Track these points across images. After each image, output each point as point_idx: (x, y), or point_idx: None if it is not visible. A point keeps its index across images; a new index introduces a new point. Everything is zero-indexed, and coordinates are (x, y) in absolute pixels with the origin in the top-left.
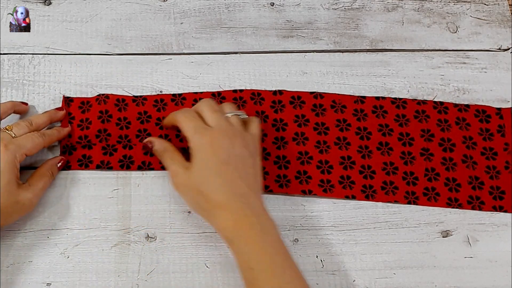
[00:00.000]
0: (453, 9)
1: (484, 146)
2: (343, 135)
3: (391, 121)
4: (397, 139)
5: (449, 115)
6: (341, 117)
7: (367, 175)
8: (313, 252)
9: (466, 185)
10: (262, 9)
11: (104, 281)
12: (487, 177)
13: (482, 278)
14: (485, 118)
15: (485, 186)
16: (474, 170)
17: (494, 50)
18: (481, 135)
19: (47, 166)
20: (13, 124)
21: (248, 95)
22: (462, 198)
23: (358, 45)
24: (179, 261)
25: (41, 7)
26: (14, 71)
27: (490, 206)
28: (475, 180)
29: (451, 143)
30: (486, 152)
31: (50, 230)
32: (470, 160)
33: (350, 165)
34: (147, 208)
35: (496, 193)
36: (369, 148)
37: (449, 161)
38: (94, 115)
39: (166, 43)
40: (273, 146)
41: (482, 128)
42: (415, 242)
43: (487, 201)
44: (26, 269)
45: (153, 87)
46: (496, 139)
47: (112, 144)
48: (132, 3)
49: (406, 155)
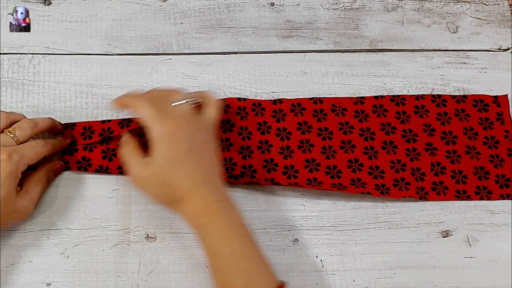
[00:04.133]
0: (453, 9)
1: (485, 136)
2: (347, 138)
3: (392, 119)
4: (401, 136)
5: (448, 107)
6: (343, 120)
7: (377, 176)
8: (313, 252)
9: (472, 176)
10: (262, 9)
11: (104, 281)
12: (492, 166)
13: (482, 278)
14: (483, 107)
15: (491, 175)
16: (478, 160)
17: (494, 50)
18: (481, 125)
19: (44, 171)
20: (16, 125)
21: (249, 106)
22: (469, 189)
23: (358, 45)
24: (179, 261)
25: (41, 7)
26: (14, 71)
27: (497, 195)
28: (480, 170)
29: (453, 135)
30: (488, 141)
31: (50, 230)
32: (474, 150)
33: (358, 168)
34: (147, 208)
35: (502, 181)
36: (374, 148)
37: (453, 154)
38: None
39: (166, 43)
40: (279, 156)
41: (482, 118)
42: (415, 242)
43: (494, 190)
44: (26, 269)
45: (153, 87)
46: (496, 127)
47: (112, 148)
48: (132, 3)
49: (411, 151)
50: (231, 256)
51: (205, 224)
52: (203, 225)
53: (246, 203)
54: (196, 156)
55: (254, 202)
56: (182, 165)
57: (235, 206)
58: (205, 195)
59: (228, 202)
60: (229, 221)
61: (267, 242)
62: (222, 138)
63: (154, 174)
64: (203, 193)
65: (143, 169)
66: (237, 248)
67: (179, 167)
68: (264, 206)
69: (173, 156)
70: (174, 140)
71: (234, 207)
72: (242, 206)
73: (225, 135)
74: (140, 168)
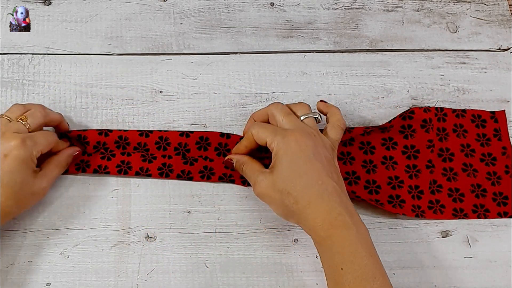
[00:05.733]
0: (453, 9)
1: (482, 152)
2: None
3: (396, 133)
4: (401, 152)
5: (447, 122)
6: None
7: (372, 190)
8: (313, 252)
9: (469, 193)
10: (262, 9)
11: (104, 281)
12: (489, 183)
13: (482, 278)
14: (481, 123)
15: (488, 193)
16: (475, 178)
17: (494, 50)
18: (479, 141)
19: (65, 156)
20: (28, 113)
21: None
22: (466, 207)
23: (358, 45)
24: (179, 261)
25: (41, 7)
26: (14, 71)
27: (495, 214)
28: (478, 188)
29: (450, 152)
30: (485, 158)
31: (50, 230)
32: (470, 168)
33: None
34: (147, 208)
35: (499, 199)
36: (373, 162)
37: (449, 171)
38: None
39: (166, 43)
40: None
41: (479, 134)
42: (415, 242)
43: (491, 209)
44: (26, 269)
45: (153, 87)
46: (493, 144)
47: (110, 149)
48: (132, 3)
49: (411, 168)
50: (355, 274)
51: (328, 237)
52: (326, 238)
53: (246, 203)
54: (320, 165)
55: (254, 202)
56: (305, 173)
57: (362, 223)
58: (332, 207)
59: (357, 218)
60: (359, 238)
61: (267, 242)
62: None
63: (275, 181)
64: (330, 205)
65: (265, 177)
66: (361, 266)
67: (301, 175)
68: (264, 206)
69: (296, 164)
70: (298, 147)
71: (364, 225)
72: (242, 206)
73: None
74: (262, 176)
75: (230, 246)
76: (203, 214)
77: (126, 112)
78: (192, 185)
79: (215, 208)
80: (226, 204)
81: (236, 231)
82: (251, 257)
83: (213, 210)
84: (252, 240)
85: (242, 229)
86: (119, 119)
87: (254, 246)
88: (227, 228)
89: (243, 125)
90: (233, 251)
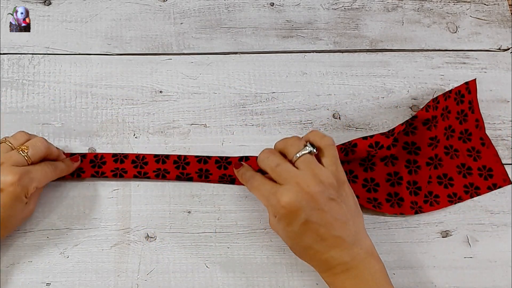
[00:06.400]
0: (453, 9)
1: (460, 130)
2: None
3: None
4: (402, 147)
5: (438, 109)
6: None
7: (370, 189)
8: None
9: (457, 175)
10: (262, 9)
11: (104, 281)
12: (471, 160)
13: (482, 278)
14: (460, 99)
15: (473, 170)
16: (458, 158)
17: (494, 50)
18: (458, 119)
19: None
20: (29, 143)
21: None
22: (458, 190)
23: (358, 45)
24: (179, 261)
25: (41, 7)
26: (14, 71)
27: (485, 189)
28: (463, 168)
29: (437, 139)
30: (463, 135)
31: (50, 230)
32: (451, 149)
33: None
34: (147, 208)
35: (484, 173)
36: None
37: (435, 159)
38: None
39: (166, 43)
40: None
41: (459, 111)
42: (415, 242)
43: (480, 185)
44: (26, 269)
45: (153, 87)
46: (469, 119)
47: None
48: (132, 3)
49: (411, 163)
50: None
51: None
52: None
53: (246, 203)
54: (328, 208)
55: (254, 202)
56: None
57: (379, 259)
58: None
59: (373, 255)
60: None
61: (267, 242)
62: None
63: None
64: (349, 251)
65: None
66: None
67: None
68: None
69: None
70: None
71: (379, 259)
72: (242, 206)
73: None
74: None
75: (230, 246)
76: (203, 214)
77: (126, 112)
78: (192, 185)
79: (215, 208)
80: (226, 204)
81: (236, 231)
82: (251, 257)
83: (213, 210)
84: (252, 240)
85: (242, 229)
86: (119, 119)
87: (254, 246)
88: (227, 228)
89: (243, 125)
90: (233, 251)
